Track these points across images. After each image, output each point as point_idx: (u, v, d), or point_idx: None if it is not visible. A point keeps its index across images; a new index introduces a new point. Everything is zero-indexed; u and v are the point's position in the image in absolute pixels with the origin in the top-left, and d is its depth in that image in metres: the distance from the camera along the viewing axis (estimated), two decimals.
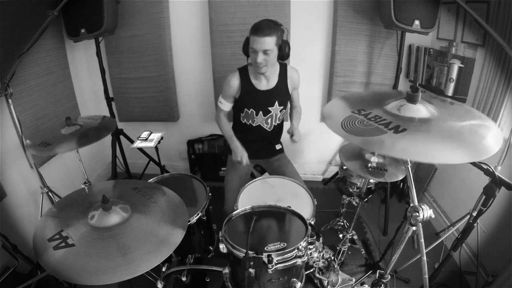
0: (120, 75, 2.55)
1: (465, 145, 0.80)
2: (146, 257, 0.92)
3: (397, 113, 0.90)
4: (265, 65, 1.53)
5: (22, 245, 1.62)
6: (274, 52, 1.51)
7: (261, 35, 1.45)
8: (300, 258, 1.05)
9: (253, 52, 1.51)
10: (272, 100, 1.71)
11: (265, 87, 1.69)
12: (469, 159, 0.76)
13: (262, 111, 1.73)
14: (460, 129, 0.87)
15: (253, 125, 1.78)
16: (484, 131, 0.86)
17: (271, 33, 1.46)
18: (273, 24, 1.48)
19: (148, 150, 2.58)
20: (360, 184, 1.78)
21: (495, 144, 0.79)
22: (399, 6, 1.83)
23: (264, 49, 1.47)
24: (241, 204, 1.44)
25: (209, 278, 1.40)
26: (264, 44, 1.46)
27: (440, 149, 0.80)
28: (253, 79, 1.68)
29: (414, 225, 0.89)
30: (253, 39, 1.47)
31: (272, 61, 1.54)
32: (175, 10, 2.34)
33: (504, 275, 1.47)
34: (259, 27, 1.46)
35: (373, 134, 0.82)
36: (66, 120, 1.59)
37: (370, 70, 2.42)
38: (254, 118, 1.75)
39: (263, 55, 1.49)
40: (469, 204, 1.35)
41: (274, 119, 1.77)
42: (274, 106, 1.73)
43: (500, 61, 1.62)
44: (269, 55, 1.50)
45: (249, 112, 1.74)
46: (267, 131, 1.80)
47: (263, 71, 1.57)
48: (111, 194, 1.18)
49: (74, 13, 1.97)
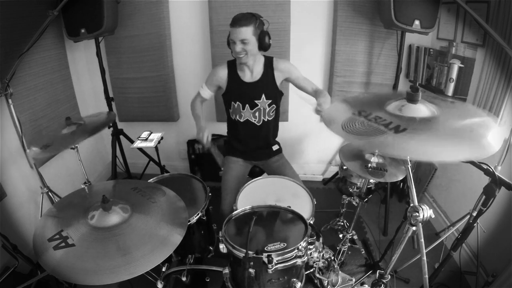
0: (120, 75, 2.55)
1: (467, 143, 0.80)
2: (146, 257, 0.92)
3: (398, 113, 0.90)
4: (245, 54, 1.59)
5: (22, 245, 1.62)
6: (252, 42, 1.56)
7: (237, 26, 1.53)
8: (300, 258, 1.05)
9: (233, 43, 1.58)
10: (257, 92, 1.73)
11: (249, 79, 1.73)
12: (470, 156, 0.77)
13: (249, 104, 1.75)
14: (461, 127, 0.86)
15: (241, 120, 1.79)
16: (485, 129, 0.85)
17: (247, 23, 1.53)
18: (249, 15, 1.56)
19: (148, 150, 2.58)
20: (360, 184, 1.78)
21: (496, 142, 0.79)
22: (399, 6, 1.83)
23: (241, 39, 1.54)
24: (241, 204, 1.44)
25: (209, 278, 1.40)
26: (240, 34, 1.53)
27: (441, 147, 0.79)
28: (239, 70, 1.73)
29: (414, 225, 0.89)
30: (231, 30, 1.56)
31: (252, 51, 1.59)
32: (175, 10, 2.34)
33: (504, 275, 1.47)
34: (235, 18, 1.55)
35: (374, 135, 0.82)
36: (66, 120, 1.59)
37: (370, 70, 2.42)
38: (241, 112, 1.77)
39: (241, 45, 1.56)
40: (469, 204, 1.35)
41: (263, 113, 1.77)
42: (261, 99, 1.74)
43: (500, 61, 1.62)
44: (246, 45, 1.56)
45: (235, 106, 1.76)
46: (256, 126, 1.80)
47: (243, 61, 1.62)
48: (111, 194, 1.18)
49: (74, 13, 1.97)
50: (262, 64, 1.72)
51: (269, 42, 1.62)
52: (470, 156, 0.77)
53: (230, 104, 1.78)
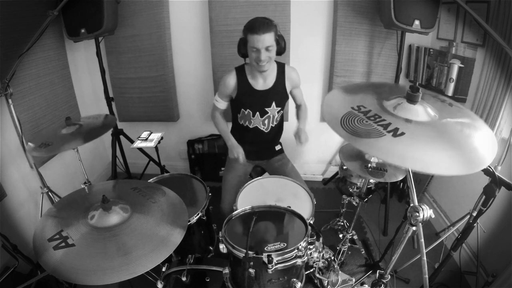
0: (120, 75, 2.55)
1: (462, 154, 0.78)
2: (146, 257, 0.92)
3: (396, 113, 0.89)
4: (268, 61, 1.53)
5: (22, 245, 1.62)
6: (274, 48, 1.52)
7: (261, 33, 1.44)
8: (300, 258, 1.05)
9: (255, 51, 1.49)
10: (269, 100, 1.70)
11: (262, 87, 1.69)
12: (466, 170, 0.74)
13: (259, 112, 1.72)
14: (457, 136, 0.85)
15: (249, 126, 1.77)
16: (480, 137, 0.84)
17: (269, 29, 1.47)
18: (267, 20, 1.49)
19: (148, 150, 2.58)
20: (360, 184, 1.78)
21: (491, 154, 0.79)
22: (399, 6, 1.83)
23: (266, 46, 1.48)
24: (241, 204, 1.44)
25: (209, 278, 1.39)
26: (265, 41, 1.46)
27: (437, 158, 0.77)
28: (250, 78, 1.67)
29: (414, 225, 0.89)
30: (253, 38, 1.46)
31: (273, 57, 1.56)
32: (175, 10, 2.34)
33: (504, 275, 1.47)
34: (255, 25, 1.46)
35: (372, 136, 0.81)
36: (66, 120, 1.59)
37: (370, 70, 2.42)
38: (250, 119, 1.74)
39: (266, 52, 1.49)
40: (469, 204, 1.35)
41: (272, 120, 1.76)
42: (271, 107, 1.72)
43: (500, 61, 1.62)
44: (271, 52, 1.51)
45: (245, 113, 1.73)
46: (265, 133, 1.79)
47: (265, 68, 1.56)
48: (111, 194, 1.18)
49: (74, 13, 1.97)
50: (276, 71, 1.69)
51: (285, 46, 1.59)
52: (466, 170, 0.74)
53: (240, 110, 1.74)
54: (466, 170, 0.74)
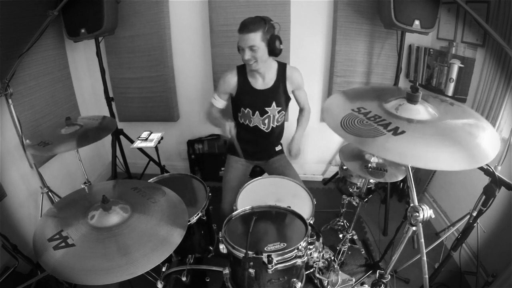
0: (120, 75, 2.55)
1: (464, 150, 0.79)
2: (146, 257, 0.92)
3: (396, 113, 0.90)
4: (255, 61, 1.53)
5: (22, 245, 1.62)
6: (261, 48, 1.50)
7: (245, 32, 1.46)
8: (300, 258, 1.05)
9: (241, 50, 1.52)
10: (269, 100, 1.70)
11: (261, 86, 1.68)
12: (468, 166, 0.75)
13: (259, 111, 1.72)
14: (459, 133, 0.86)
15: (250, 125, 1.77)
16: (482, 134, 0.85)
17: (255, 29, 1.45)
18: (258, 19, 1.48)
19: (148, 150, 2.58)
20: (360, 184, 1.78)
21: (493, 150, 0.80)
22: (399, 6, 1.83)
23: (249, 46, 1.48)
24: (241, 204, 1.44)
25: (209, 278, 1.39)
26: (248, 40, 1.46)
27: (438, 154, 0.78)
28: (249, 77, 1.67)
29: (414, 225, 0.89)
30: (239, 37, 1.49)
31: (261, 58, 1.53)
32: (175, 10, 2.34)
33: (504, 275, 1.47)
34: (243, 24, 1.48)
35: (372, 136, 0.81)
36: (66, 120, 1.59)
37: (370, 70, 2.42)
38: (250, 118, 1.74)
39: (249, 52, 1.50)
40: (469, 204, 1.35)
41: (272, 120, 1.76)
42: (271, 106, 1.71)
43: (500, 61, 1.62)
44: (256, 52, 1.49)
45: (245, 112, 1.73)
46: (265, 132, 1.79)
47: (253, 67, 1.56)
48: (111, 194, 1.18)
49: (74, 13, 1.97)
50: (275, 70, 1.67)
51: (280, 47, 1.54)
52: (468, 166, 0.75)
53: (240, 109, 1.74)
54: (469, 165, 0.76)
